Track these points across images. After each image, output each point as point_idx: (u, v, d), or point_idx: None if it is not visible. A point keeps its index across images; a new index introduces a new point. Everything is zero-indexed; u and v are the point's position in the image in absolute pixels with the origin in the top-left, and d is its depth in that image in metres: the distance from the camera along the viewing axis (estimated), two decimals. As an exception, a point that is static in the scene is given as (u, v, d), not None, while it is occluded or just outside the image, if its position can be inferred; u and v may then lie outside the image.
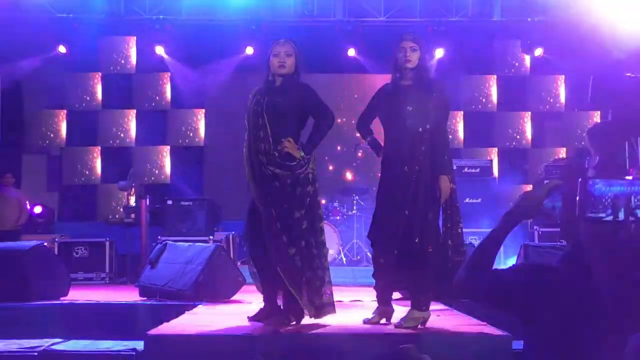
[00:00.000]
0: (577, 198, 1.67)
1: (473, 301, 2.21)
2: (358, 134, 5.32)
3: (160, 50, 11.93)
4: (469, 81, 12.43)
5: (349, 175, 11.90)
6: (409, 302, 4.72)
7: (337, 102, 11.57)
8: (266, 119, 4.71)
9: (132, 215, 9.35)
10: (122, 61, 12.44)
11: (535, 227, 9.31)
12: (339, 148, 12.20)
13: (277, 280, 4.67)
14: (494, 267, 2.17)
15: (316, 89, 4.85)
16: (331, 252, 10.30)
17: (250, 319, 4.84)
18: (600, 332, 1.90)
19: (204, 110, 12.51)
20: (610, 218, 1.65)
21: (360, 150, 10.22)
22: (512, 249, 7.17)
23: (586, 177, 1.67)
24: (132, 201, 9.51)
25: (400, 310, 4.79)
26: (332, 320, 4.75)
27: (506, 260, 7.49)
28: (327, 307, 4.73)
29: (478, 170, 10.56)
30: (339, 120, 11.32)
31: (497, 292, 2.09)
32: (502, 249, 2.22)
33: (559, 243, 6.78)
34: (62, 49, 11.66)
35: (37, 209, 10.85)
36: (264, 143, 4.69)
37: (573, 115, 12.45)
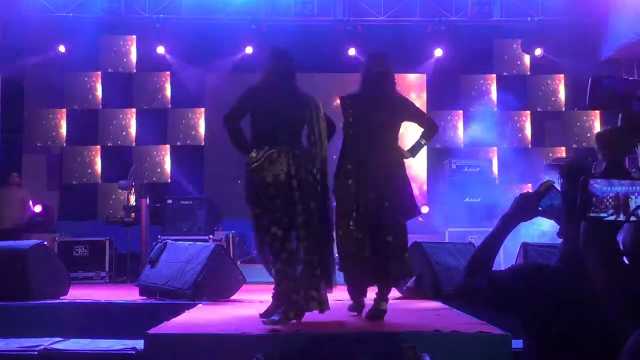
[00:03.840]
0: (578, 197, 1.66)
1: (473, 304, 2.22)
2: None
3: (160, 49, 11.92)
4: (469, 81, 12.43)
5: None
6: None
7: (337, 102, 11.52)
8: None
9: (132, 215, 9.35)
10: (123, 60, 12.43)
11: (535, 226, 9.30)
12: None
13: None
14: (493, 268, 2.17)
15: (315, 89, 4.85)
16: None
17: (260, 315, 4.89)
18: (598, 331, 1.90)
19: (204, 110, 12.51)
20: (612, 218, 1.65)
21: None
22: (513, 246, 7.15)
23: (587, 176, 1.66)
24: (132, 200, 9.51)
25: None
26: (332, 320, 4.75)
27: (505, 259, 7.47)
28: (311, 302, 4.68)
29: (478, 169, 10.55)
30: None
31: (494, 294, 2.09)
32: (501, 247, 2.22)
33: (558, 242, 6.73)
34: (62, 48, 11.66)
35: (37, 208, 10.84)
36: None
37: (573, 115, 12.44)
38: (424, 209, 10.92)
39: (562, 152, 12.29)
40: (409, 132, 5.64)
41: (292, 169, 4.58)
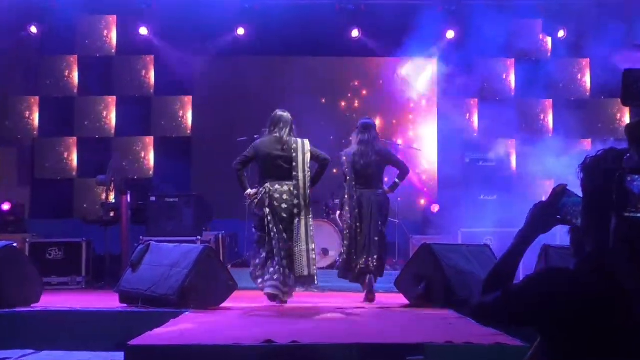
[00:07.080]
0: (614, 195, 1.64)
1: (492, 326, 2.21)
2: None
3: (143, 30, 11.91)
4: (484, 65, 12.38)
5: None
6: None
7: (338, 87, 11.55)
8: None
9: (112, 213, 9.35)
10: (101, 42, 12.41)
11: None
12: (332, 138, 12.18)
13: None
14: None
15: (315, 73, 4.89)
16: (332, 254, 10.28)
17: None
18: (629, 335, 1.89)
19: (191, 97, 12.49)
20: None
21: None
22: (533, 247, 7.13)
23: (624, 171, 1.64)
24: (112, 197, 9.51)
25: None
26: (333, 329, 4.76)
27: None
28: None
29: (494, 163, 10.54)
30: (342, 103, 11.35)
31: (512, 308, 2.08)
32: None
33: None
34: (34, 29, 11.65)
35: (5, 206, 10.79)
36: None
37: (599, 103, 12.43)
38: (434, 208, 10.93)
39: (587, 144, 12.26)
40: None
41: (268, 200, 6.71)
